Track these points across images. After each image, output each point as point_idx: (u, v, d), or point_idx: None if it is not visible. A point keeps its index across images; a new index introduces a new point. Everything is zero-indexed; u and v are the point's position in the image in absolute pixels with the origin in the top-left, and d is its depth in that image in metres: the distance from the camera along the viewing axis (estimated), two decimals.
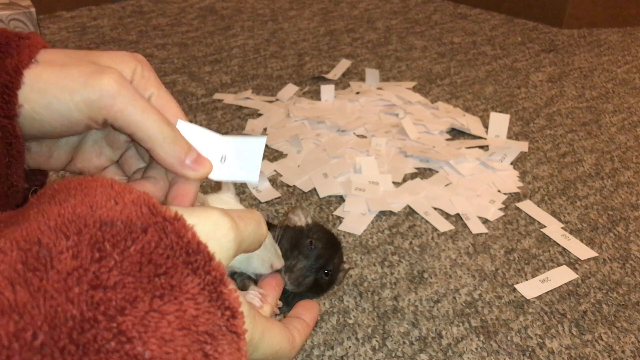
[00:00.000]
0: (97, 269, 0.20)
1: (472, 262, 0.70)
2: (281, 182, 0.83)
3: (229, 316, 0.23)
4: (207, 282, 0.23)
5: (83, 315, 0.19)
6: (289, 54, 1.27)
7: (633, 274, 0.70)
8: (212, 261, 0.23)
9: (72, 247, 0.21)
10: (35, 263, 0.20)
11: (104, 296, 0.20)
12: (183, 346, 0.21)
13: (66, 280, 0.20)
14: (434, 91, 1.14)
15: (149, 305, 0.21)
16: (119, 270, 0.21)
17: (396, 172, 0.86)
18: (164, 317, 0.21)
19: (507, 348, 0.59)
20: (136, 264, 0.21)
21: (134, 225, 0.22)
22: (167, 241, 0.22)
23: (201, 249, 0.23)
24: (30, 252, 0.20)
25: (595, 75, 1.25)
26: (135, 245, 0.22)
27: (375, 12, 1.57)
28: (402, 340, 0.59)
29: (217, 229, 0.26)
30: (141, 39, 1.31)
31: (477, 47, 1.37)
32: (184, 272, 0.22)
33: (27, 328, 0.18)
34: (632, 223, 0.79)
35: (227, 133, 0.95)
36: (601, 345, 0.60)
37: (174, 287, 0.22)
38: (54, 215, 0.22)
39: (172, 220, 0.23)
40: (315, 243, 0.47)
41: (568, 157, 0.94)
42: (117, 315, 0.20)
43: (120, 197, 0.23)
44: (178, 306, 0.21)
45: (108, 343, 0.19)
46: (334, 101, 1.05)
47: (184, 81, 1.12)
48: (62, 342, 0.19)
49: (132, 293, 0.20)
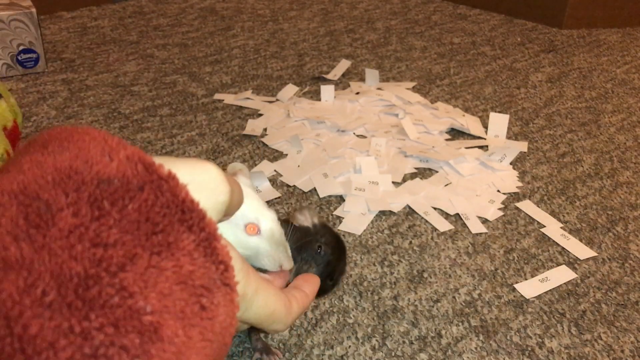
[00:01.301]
0: (97, 227, 0.21)
1: (471, 261, 0.71)
2: (281, 182, 0.84)
3: (223, 269, 0.24)
4: (202, 238, 0.23)
5: (87, 272, 0.20)
6: (289, 55, 1.27)
7: (632, 274, 0.70)
8: (205, 218, 0.24)
9: (72, 205, 0.21)
10: (37, 219, 0.20)
11: (105, 253, 0.20)
12: (181, 299, 0.22)
13: (68, 238, 0.20)
14: (433, 91, 1.14)
15: (148, 262, 0.21)
16: (119, 229, 0.21)
17: (396, 172, 0.86)
18: (162, 273, 0.21)
19: (506, 347, 0.59)
20: (134, 222, 0.22)
21: (131, 183, 0.23)
22: (162, 200, 0.23)
23: (195, 206, 0.24)
24: (31, 208, 0.21)
25: (595, 76, 1.25)
26: (133, 204, 0.22)
27: (375, 12, 1.57)
28: (402, 339, 0.59)
29: (212, 180, 0.26)
30: (142, 39, 1.32)
31: (476, 47, 1.37)
32: (180, 229, 0.23)
33: (37, 284, 0.19)
34: (631, 223, 0.80)
35: (232, 137, 0.95)
36: (600, 344, 0.61)
37: (170, 244, 0.22)
38: (50, 168, 0.22)
39: (167, 179, 0.23)
40: (325, 249, 0.47)
41: (567, 157, 0.95)
42: (118, 272, 0.20)
43: (115, 153, 0.23)
44: (175, 262, 0.22)
45: (112, 298, 0.20)
46: (334, 101, 1.05)
47: (184, 81, 1.13)
48: (69, 298, 0.19)
49: (131, 250, 0.21)
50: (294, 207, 0.79)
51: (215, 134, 0.95)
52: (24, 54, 1.10)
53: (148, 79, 1.13)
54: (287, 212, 0.77)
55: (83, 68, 1.16)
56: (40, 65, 1.12)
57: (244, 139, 0.94)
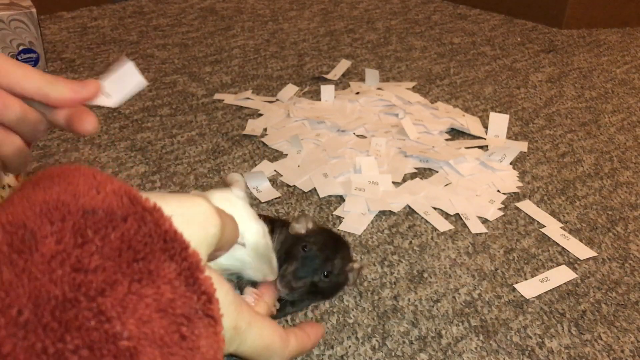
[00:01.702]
0: (80, 253, 0.21)
1: (471, 261, 0.71)
2: (281, 182, 0.84)
3: (205, 300, 0.24)
4: (184, 267, 0.24)
5: (65, 295, 0.20)
6: (289, 55, 1.27)
7: (632, 274, 0.70)
8: (188, 249, 0.24)
9: (56, 233, 0.22)
10: (20, 245, 0.21)
11: (85, 278, 0.21)
12: (160, 327, 0.22)
13: (49, 263, 0.21)
14: (433, 91, 1.14)
15: (128, 288, 0.22)
16: (100, 255, 0.22)
17: (396, 172, 0.86)
18: (142, 300, 0.22)
19: (506, 347, 0.59)
20: (116, 250, 0.22)
21: (115, 214, 0.23)
22: (145, 229, 0.23)
23: (177, 237, 0.24)
24: (16, 235, 0.21)
25: (595, 76, 1.25)
26: (116, 233, 0.23)
27: (375, 12, 1.57)
28: (402, 339, 0.59)
29: (202, 213, 0.27)
30: (142, 39, 1.32)
31: (476, 47, 1.37)
32: (161, 258, 0.23)
33: (13, 305, 0.19)
34: (631, 223, 0.80)
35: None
36: (600, 344, 0.61)
37: (151, 271, 0.23)
38: (39, 201, 0.23)
39: (151, 211, 0.24)
40: (310, 246, 0.47)
41: (567, 157, 0.95)
42: (97, 297, 0.21)
43: (102, 187, 0.24)
44: (155, 289, 0.22)
45: (88, 322, 0.20)
46: (334, 101, 1.05)
47: (184, 81, 1.13)
48: (45, 319, 0.20)
49: (112, 276, 0.21)
50: (294, 217, 0.79)
51: (215, 134, 0.95)
52: (24, 54, 1.10)
53: (148, 78, 1.13)
54: (286, 212, 0.78)
55: (83, 68, 1.16)
56: (40, 65, 1.12)
57: (244, 139, 0.94)
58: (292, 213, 0.77)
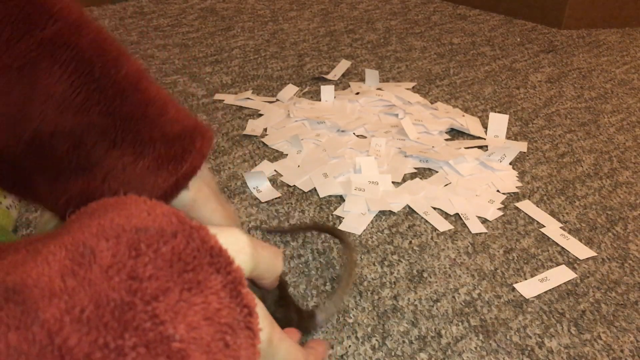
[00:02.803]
0: (134, 264, 0.24)
1: (471, 261, 0.71)
2: (281, 182, 0.84)
3: (247, 313, 0.26)
4: (228, 280, 0.26)
5: (123, 299, 0.22)
6: (289, 55, 1.28)
7: (632, 274, 0.71)
8: (232, 264, 0.26)
9: (112, 247, 0.24)
10: (80, 259, 0.23)
11: (140, 285, 0.23)
12: (207, 334, 0.24)
13: (107, 272, 0.23)
14: (433, 91, 1.14)
15: (179, 296, 0.24)
16: (153, 266, 0.24)
17: (396, 172, 0.86)
18: (191, 307, 0.24)
19: (506, 347, 0.59)
20: (167, 261, 0.24)
21: (165, 231, 0.25)
22: (193, 245, 0.25)
23: (223, 253, 0.26)
24: (76, 252, 0.24)
25: (594, 76, 1.26)
26: (167, 247, 0.25)
27: (375, 13, 1.57)
28: (402, 339, 0.60)
29: (236, 242, 0.29)
30: (142, 39, 1.32)
31: (476, 47, 1.37)
32: (209, 270, 0.25)
33: (76, 305, 0.22)
34: (630, 223, 0.80)
35: (231, 136, 0.95)
36: (600, 344, 0.61)
37: (200, 282, 0.24)
38: (95, 224, 0.25)
39: (197, 229, 0.26)
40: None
41: (567, 157, 0.95)
42: (151, 301, 0.23)
43: (152, 210, 0.27)
44: (204, 298, 0.24)
45: (145, 323, 0.22)
46: (334, 101, 1.05)
47: (184, 82, 1.13)
48: (105, 319, 0.22)
49: (164, 284, 0.23)
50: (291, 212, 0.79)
51: (215, 134, 0.95)
52: None
53: None
54: (286, 212, 0.78)
55: None
56: None
57: (244, 139, 0.94)
58: (292, 213, 0.78)
